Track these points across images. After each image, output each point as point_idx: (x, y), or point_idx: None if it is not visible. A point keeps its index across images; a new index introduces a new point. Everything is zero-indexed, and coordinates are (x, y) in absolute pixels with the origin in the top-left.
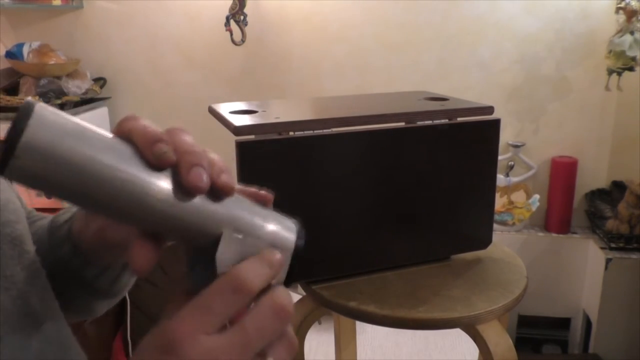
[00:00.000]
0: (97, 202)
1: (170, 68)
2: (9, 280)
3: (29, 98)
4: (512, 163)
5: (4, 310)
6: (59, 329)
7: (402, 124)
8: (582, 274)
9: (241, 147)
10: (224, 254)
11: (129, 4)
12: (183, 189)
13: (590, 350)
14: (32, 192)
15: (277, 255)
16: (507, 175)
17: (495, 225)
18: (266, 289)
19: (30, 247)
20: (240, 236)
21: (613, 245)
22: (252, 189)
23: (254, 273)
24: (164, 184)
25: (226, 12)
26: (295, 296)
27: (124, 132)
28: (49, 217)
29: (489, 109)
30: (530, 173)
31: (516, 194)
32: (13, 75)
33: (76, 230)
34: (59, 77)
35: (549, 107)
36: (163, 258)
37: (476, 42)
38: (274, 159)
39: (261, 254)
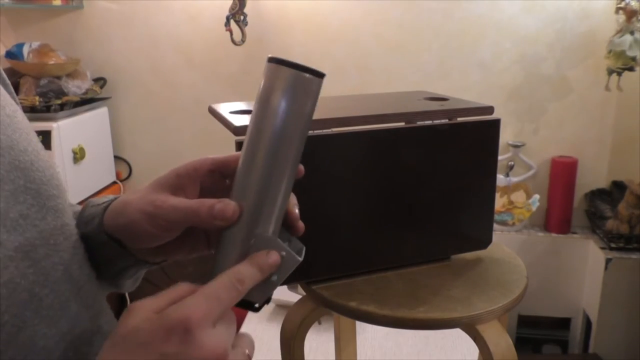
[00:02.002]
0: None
1: (170, 68)
2: (52, 249)
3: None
4: (512, 163)
5: (46, 275)
6: (94, 296)
7: (402, 124)
8: (582, 274)
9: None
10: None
11: (129, 4)
12: None
13: (590, 350)
14: None
15: (270, 260)
16: (507, 175)
17: (495, 225)
18: None
19: (71, 221)
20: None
21: (613, 245)
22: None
23: (250, 275)
24: None
25: (226, 12)
26: (295, 296)
27: None
28: (78, 207)
29: (489, 109)
30: (530, 173)
31: (516, 194)
32: (13, 75)
33: (108, 220)
34: (59, 77)
35: (549, 107)
36: None
37: (476, 42)
38: None
39: (255, 258)
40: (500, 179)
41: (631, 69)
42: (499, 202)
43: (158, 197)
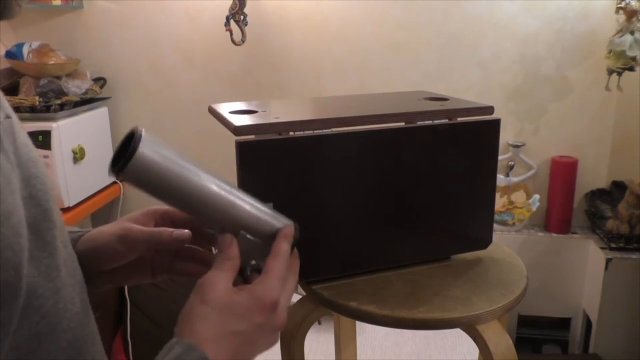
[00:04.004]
0: (180, 204)
1: (170, 68)
2: (51, 225)
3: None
4: (512, 163)
5: (46, 243)
6: (79, 272)
7: (402, 124)
8: (582, 274)
9: (241, 147)
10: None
11: (129, 4)
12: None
13: (590, 350)
14: None
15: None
16: (507, 175)
17: (495, 225)
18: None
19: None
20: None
21: (613, 245)
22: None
23: (287, 248)
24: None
25: (226, 12)
26: (295, 296)
27: None
28: None
29: (489, 109)
30: (530, 173)
31: (516, 194)
32: (13, 75)
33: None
34: (59, 77)
35: (549, 107)
36: None
37: (476, 42)
38: (274, 159)
39: (283, 233)
40: (500, 179)
41: (631, 69)
42: (499, 202)
43: (127, 224)
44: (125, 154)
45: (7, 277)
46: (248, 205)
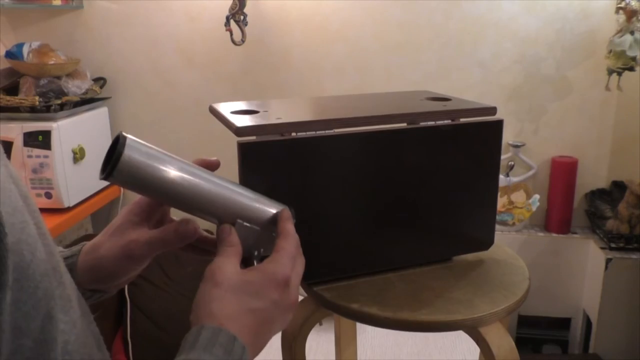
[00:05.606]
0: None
1: (170, 68)
2: (53, 244)
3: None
4: (512, 163)
5: (56, 265)
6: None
7: (404, 125)
8: (582, 274)
9: (243, 148)
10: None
11: (129, 4)
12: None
13: (591, 350)
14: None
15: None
16: (507, 175)
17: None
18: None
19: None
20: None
21: (613, 245)
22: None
23: (293, 228)
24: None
25: (226, 12)
26: None
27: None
28: None
29: (492, 110)
30: (530, 173)
31: (516, 194)
32: (13, 75)
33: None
34: (59, 77)
35: (549, 107)
36: (164, 259)
37: (476, 42)
38: (276, 160)
39: (283, 216)
40: (500, 179)
41: (631, 69)
42: (499, 202)
43: (128, 236)
44: (112, 159)
45: (49, 328)
46: (241, 194)
